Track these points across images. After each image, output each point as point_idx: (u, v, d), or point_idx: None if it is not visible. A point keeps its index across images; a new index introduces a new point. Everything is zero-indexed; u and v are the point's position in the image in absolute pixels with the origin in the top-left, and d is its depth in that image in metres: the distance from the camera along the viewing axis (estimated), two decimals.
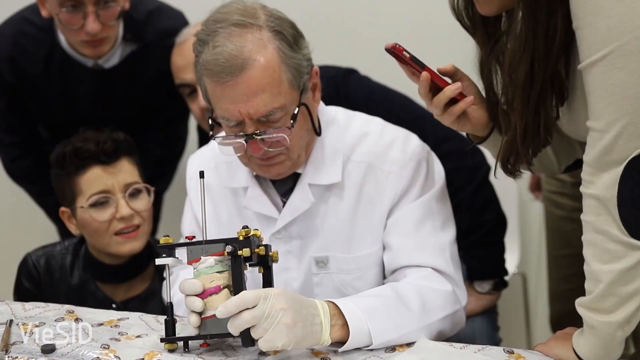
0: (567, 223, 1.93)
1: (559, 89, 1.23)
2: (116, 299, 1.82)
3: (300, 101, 1.43)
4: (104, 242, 1.76)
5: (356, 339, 1.28)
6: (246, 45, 1.36)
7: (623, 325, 1.17)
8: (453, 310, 1.42)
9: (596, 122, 1.13)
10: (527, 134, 1.25)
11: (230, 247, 1.25)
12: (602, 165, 1.14)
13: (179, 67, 2.00)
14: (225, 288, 1.27)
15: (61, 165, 1.79)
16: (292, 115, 1.41)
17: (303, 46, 1.45)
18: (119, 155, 1.76)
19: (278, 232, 1.53)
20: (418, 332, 1.34)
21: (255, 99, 1.37)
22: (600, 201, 1.14)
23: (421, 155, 1.54)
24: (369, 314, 1.30)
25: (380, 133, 1.56)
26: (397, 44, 1.30)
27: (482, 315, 1.87)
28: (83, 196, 1.75)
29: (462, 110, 1.35)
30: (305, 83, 1.45)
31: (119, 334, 1.41)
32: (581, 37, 1.13)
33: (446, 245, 1.51)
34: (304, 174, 1.52)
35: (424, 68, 1.32)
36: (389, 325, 1.31)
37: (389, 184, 1.51)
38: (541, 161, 1.44)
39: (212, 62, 1.36)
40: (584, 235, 1.19)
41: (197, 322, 1.27)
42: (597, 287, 1.17)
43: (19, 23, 2.14)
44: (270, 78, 1.37)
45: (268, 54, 1.38)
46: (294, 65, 1.41)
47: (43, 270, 1.84)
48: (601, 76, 1.11)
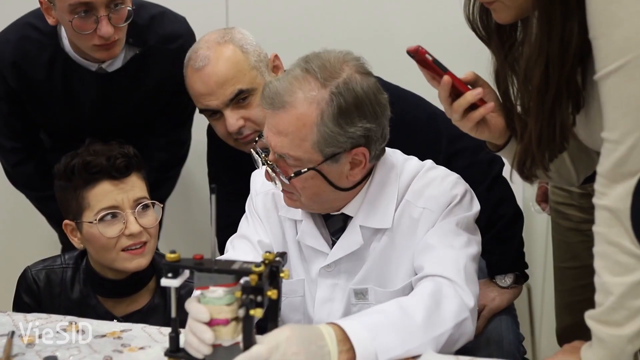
0: (574, 234, 1.92)
1: (574, 96, 1.22)
2: (117, 314, 1.80)
3: (317, 165, 1.48)
4: (110, 257, 1.74)
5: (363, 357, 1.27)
6: (297, 92, 1.46)
7: (633, 339, 1.16)
8: (460, 320, 1.40)
9: (611, 133, 1.12)
10: (542, 139, 1.24)
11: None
12: (615, 177, 1.13)
13: (201, 93, 1.96)
14: (233, 321, 1.22)
15: (68, 178, 1.76)
16: (297, 172, 1.49)
17: (354, 125, 1.47)
18: (130, 170, 1.75)
19: (328, 266, 1.60)
20: (424, 345, 1.33)
21: (279, 137, 1.47)
22: (613, 213, 1.13)
23: (455, 191, 1.56)
24: (374, 332, 1.29)
25: (423, 174, 1.60)
26: (420, 46, 1.30)
27: (506, 312, 1.86)
28: (91, 211, 1.73)
29: (482, 116, 1.34)
30: (338, 155, 1.48)
31: (122, 346, 1.40)
32: (597, 47, 1.12)
33: (462, 256, 1.49)
34: (357, 216, 1.58)
35: (445, 72, 1.31)
36: (395, 342, 1.30)
37: (422, 220, 1.54)
38: (559, 171, 1.43)
39: (269, 87, 1.48)
40: (595, 246, 1.18)
41: (208, 351, 1.23)
42: (608, 299, 1.15)
43: (22, 28, 2.15)
44: (297, 129, 1.46)
45: (308, 111, 1.45)
46: (326, 133, 1.45)
47: (43, 285, 1.81)
48: (616, 87, 1.10)
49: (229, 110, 1.95)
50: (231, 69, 1.93)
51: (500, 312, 1.85)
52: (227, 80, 1.93)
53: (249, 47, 1.97)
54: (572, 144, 1.36)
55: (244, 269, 1.21)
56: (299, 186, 1.51)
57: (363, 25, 2.60)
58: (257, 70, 1.96)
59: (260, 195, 1.70)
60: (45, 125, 2.29)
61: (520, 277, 1.89)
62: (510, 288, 1.87)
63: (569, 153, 1.41)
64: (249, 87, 1.94)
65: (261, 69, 1.98)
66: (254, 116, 1.95)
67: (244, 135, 1.97)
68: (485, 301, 1.84)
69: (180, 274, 1.26)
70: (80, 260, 1.84)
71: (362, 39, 2.57)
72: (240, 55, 1.95)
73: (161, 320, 1.74)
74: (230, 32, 2.00)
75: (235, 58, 1.94)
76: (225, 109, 1.95)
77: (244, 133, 1.96)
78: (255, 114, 1.94)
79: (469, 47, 1.39)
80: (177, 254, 1.25)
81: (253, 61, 1.96)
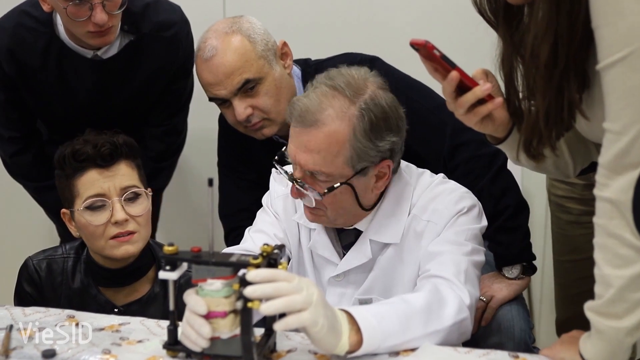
0: (575, 228, 1.91)
1: (581, 73, 1.20)
2: (117, 303, 1.80)
3: (348, 180, 1.51)
4: (100, 245, 1.74)
5: (368, 344, 1.27)
6: (328, 109, 1.48)
7: (632, 331, 1.15)
8: (460, 319, 1.40)
9: (613, 124, 1.12)
10: (549, 115, 1.23)
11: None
12: (617, 168, 1.12)
13: (210, 83, 1.98)
14: (231, 313, 1.22)
15: (61, 167, 1.77)
16: (330, 188, 1.50)
17: (383, 139, 1.51)
18: (117, 158, 1.74)
19: (337, 276, 1.64)
20: (424, 338, 1.33)
21: (309, 155, 1.49)
22: (614, 204, 1.12)
23: (462, 205, 1.56)
24: (379, 318, 1.29)
25: (432, 189, 1.61)
26: (427, 41, 1.28)
27: (516, 301, 1.87)
28: (80, 199, 1.73)
29: (490, 111, 1.33)
30: (367, 169, 1.52)
31: (120, 339, 1.39)
32: (600, 36, 1.11)
33: (464, 261, 1.49)
34: (367, 231, 1.60)
35: (454, 67, 1.30)
36: (397, 327, 1.30)
37: (426, 232, 1.56)
38: (556, 164, 1.42)
39: (299, 104, 1.50)
40: (595, 238, 1.17)
41: (205, 344, 1.23)
42: (608, 291, 1.15)
43: (18, 16, 2.15)
44: (329, 146, 1.48)
45: (340, 128, 1.47)
46: (358, 149, 1.49)
47: (44, 274, 1.82)
48: (620, 77, 1.09)
49: (237, 99, 1.96)
50: (238, 59, 1.94)
51: (509, 300, 1.86)
52: (235, 70, 1.94)
53: (257, 36, 1.98)
54: (570, 134, 1.35)
55: (241, 262, 1.21)
56: (328, 202, 1.53)
57: (362, 13, 2.60)
58: (264, 59, 1.97)
59: (281, 198, 1.72)
60: (42, 114, 2.29)
61: (528, 268, 1.89)
62: (517, 279, 1.87)
63: (568, 144, 1.40)
64: (256, 76, 1.95)
65: (269, 58, 1.98)
66: (262, 104, 1.96)
67: (252, 123, 1.99)
68: (492, 292, 1.84)
69: (178, 266, 1.26)
70: (81, 250, 1.85)
71: (360, 26, 2.58)
72: (248, 44, 1.95)
73: (161, 309, 1.76)
74: (239, 21, 2.01)
75: (242, 48, 1.95)
76: (234, 98, 1.96)
77: (252, 121, 1.98)
78: (263, 102, 1.96)
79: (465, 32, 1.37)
80: (175, 246, 1.25)
81: (260, 50, 1.97)
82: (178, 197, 2.63)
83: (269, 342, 1.30)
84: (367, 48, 2.05)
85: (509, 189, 1.89)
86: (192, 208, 2.92)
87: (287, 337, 1.40)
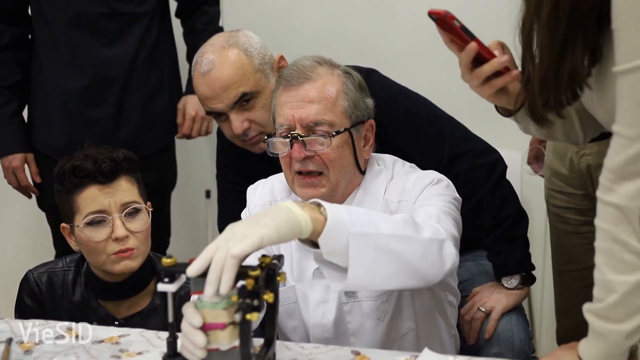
0: (573, 238, 1.90)
1: (590, 45, 1.17)
2: (118, 316, 1.80)
3: (348, 129, 1.59)
4: (101, 260, 1.74)
5: (333, 219, 1.24)
6: (318, 69, 1.61)
7: (631, 335, 1.16)
8: (438, 238, 1.39)
9: (625, 129, 1.11)
10: (546, 80, 1.21)
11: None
12: (625, 174, 1.12)
13: (207, 97, 1.99)
14: (230, 325, 1.22)
15: (61, 182, 1.77)
16: (336, 131, 1.57)
17: (366, 97, 1.66)
18: (117, 174, 1.75)
19: (318, 268, 1.58)
20: (395, 239, 1.30)
21: (309, 107, 1.58)
22: (621, 210, 1.12)
23: (431, 177, 1.60)
24: (349, 208, 1.29)
25: (402, 175, 1.65)
26: (448, 12, 1.28)
27: (516, 311, 1.86)
28: (80, 214, 1.74)
29: (506, 83, 1.33)
30: (359, 124, 1.62)
31: (120, 351, 1.40)
32: (620, 39, 1.10)
33: (434, 209, 1.50)
34: None
35: (473, 38, 1.29)
36: (365, 217, 1.29)
37: (400, 211, 1.56)
38: (567, 133, 1.41)
39: (287, 70, 1.63)
40: (597, 241, 1.17)
41: (202, 355, 1.21)
42: (610, 296, 1.15)
43: None
44: (328, 95, 1.59)
45: (332, 80, 1.61)
46: (353, 98, 1.62)
47: (45, 288, 1.82)
48: (638, 84, 1.09)
49: (233, 113, 1.97)
50: (235, 73, 1.95)
51: (509, 310, 1.85)
52: (231, 84, 1.95)
53: (254, 50, 1.99)
54: (581, 105, 1.33)
55: (240, 273, 1.21)
56: (333, 156, 1.57)
57: (359, 26, 2.62)
58: (261, 72, 1.98)
59: (258, 207, 1.72)
60: None
61: (528, 278, 1.89)
62: (517, 289, 1.86)
63: (578, 113, 1.38)
64: (252, 90, 1.96)
65: (265, 71, 1.99)
66: (259, 118, 1.97)
67: (249, 137, 1.99)
68: (492, 303, 1.84)
69: (177, 278, 1.26)
70: (81, 264, 1.85)
71: (357, 39, 2.59)
72: (244, 58, 1.97)
73: (162, 322, 1.74)
74: (235, 35, 2.02)
75: (239, 62, 1.96)
76: (230, 112, 1.97)
77: (249, 135, 1.99)
78: (259, 115, 1.97)
79: None
80: (173, 258, 1.24)
81: (257, 64, 1.98)
82: (176, 209, 2.64)
83: (269, 353, 1.30)
84: (364, 61, 2.05)
85: (508, 198, 1.89)
86: (191, 220, 2.92)
87: (287, 347, 1.40)
